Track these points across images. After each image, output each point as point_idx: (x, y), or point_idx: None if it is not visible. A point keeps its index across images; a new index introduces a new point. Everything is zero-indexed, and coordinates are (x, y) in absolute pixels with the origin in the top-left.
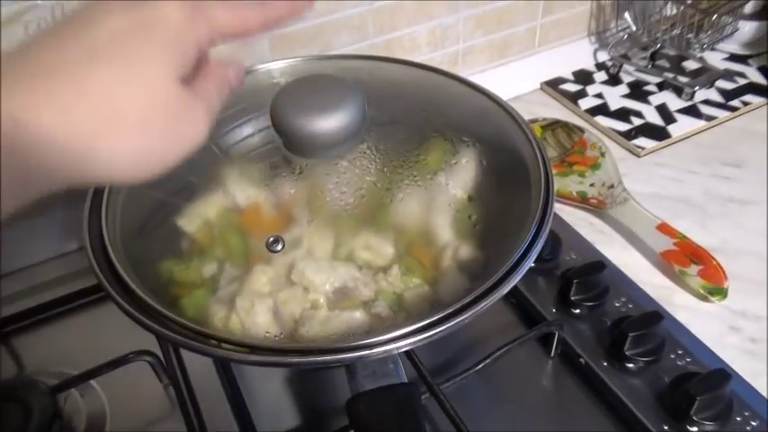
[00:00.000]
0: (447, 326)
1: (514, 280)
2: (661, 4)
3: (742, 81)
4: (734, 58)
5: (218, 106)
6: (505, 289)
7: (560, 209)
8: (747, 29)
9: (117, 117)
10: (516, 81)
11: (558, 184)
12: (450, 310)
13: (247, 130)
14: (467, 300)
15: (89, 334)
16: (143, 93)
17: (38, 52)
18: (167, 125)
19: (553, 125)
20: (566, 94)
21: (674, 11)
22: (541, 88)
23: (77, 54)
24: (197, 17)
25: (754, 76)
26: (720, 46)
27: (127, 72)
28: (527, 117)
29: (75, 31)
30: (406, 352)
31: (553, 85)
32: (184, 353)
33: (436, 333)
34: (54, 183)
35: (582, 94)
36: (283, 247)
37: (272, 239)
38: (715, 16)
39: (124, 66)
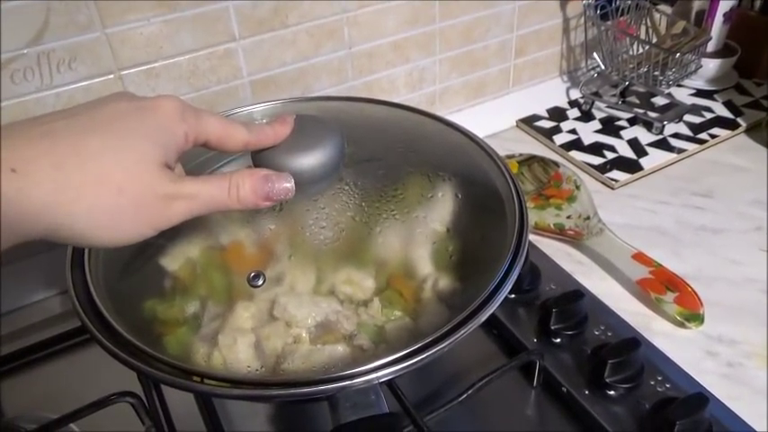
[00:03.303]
0: (426, 355)
1: (491, 308)
2: (627, 45)
3: (709, 115)
4: (700, 93)
5: (208, 208)
6: (483, 317)
7: (539, 241)
8: (711, 66)
9: (102, 177)
10: (492, 119)
11: (536, 216)
12: (428, 340)
13: (230, 170)
14: (445, 329)
15: (72, 377)
16: (128, 162)
17: (47, 120)
18: (145, 194)
19: (529, 160)
20: (541, 130)
21: (640, 50)
22: (517, 125)
23: (80, 124)
24: (188, 115)
25: (720, 110)
26: (687, 82)
27: (118, 143)
28: (504, 153)
29: (83, 108)
30: (389, 385)
31: (528, 122)
32: (167, 394)
33: (416, 362)
34: (34, 231)
35: (556, 130)
36: (264, 282)
37: (252, 274)
38: (678, 55)
39: (117, 138)
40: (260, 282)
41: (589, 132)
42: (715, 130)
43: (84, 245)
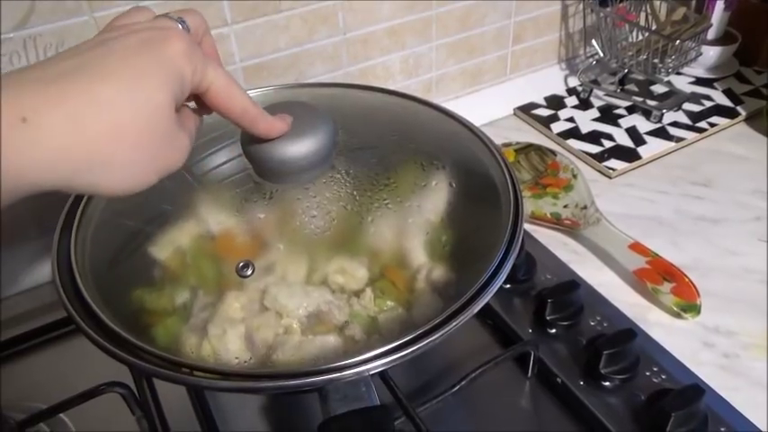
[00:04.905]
0: (418, 346)
1: (485, 299)
2: (626, 31)
3: (708, 103)
4: (700, 81)
5: (193, 140)
6: (476, 308)
7: (535, 230)
8: (712, 53)
9: (119, 130)
10: (490, 107)
11: (533, 206)
12: (421, 331)
13: (220, 158)
14: (438, 320)
15: (61, 367)
16: (145, 112)
17: (55, 62)
18: (158, 145)
19: (526, 149)
20: (538, 118)
21: (640, 37)
22: (514, 113)
23: (90, 69)
24: (196, 58)
25: (720, 98)
26: (687, 70)
27: (133, 92)
28: (501, 141)
29: (90, 49)
30: (381, 376)
31: (526, 110)
32: (157, 384)
33: (407, 354)
34: (46, 182)
35: (554, 118)
36: (253, 272)
37: (241, 264)
38: (678, 42)
39: (131, 85)
40: (249, 271)
41: (587, 121)
42: (714, 119)
43: (91, 194)
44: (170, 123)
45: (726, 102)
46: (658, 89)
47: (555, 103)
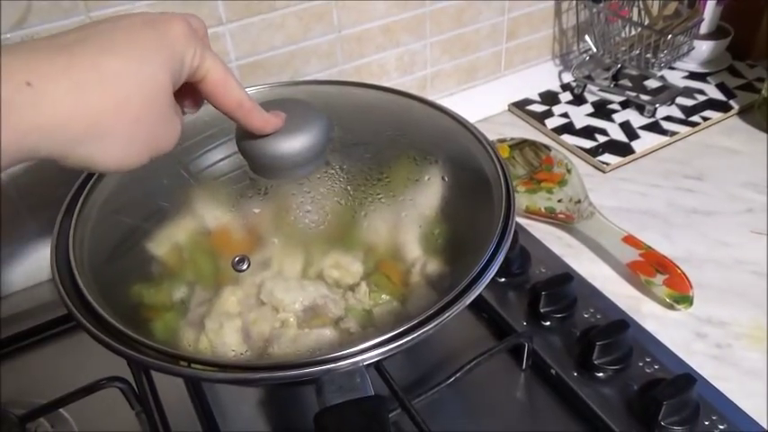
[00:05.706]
0: (411, 337)
1: (477, 291)
2: (619, 27)
3: (701, 98)
4: (693, 76)
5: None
6: (468, 299)
7: (529, 224)
8: (705, 48)
9: (122, 104)
10: (484, 103)
11: (527, 200)
12: (414, 322)
13: (215, 155)
14: (431, 311)
15: (61, 364)
16: (147, 88)
17: (61, 36)
18: (155, 123)
19: (521, 144)
20: (533, 114)
21: (632, 32)
22: (509, 109)
23: (98, 43)
24: (196, 43)
25: (713, 92)
26: (680, 65)
27: (138, 67)
28: (495, 137)
29: (98, 26)
30: (378, 369)
31: (520, 106)
32: (156, 379)
33: (400, 345)
34: (41, 150)
35: (548, 113)
36: (249, 266)
37: (237, 259)
38: (670, 36)
39: (137, 62)
40: (245, 266)
41: (581, 116)
42: (707, 113)
43: (85, 167)
44: (168, 103)
45: (719, 96)
46: (652, 84)
47: (549, 98)
